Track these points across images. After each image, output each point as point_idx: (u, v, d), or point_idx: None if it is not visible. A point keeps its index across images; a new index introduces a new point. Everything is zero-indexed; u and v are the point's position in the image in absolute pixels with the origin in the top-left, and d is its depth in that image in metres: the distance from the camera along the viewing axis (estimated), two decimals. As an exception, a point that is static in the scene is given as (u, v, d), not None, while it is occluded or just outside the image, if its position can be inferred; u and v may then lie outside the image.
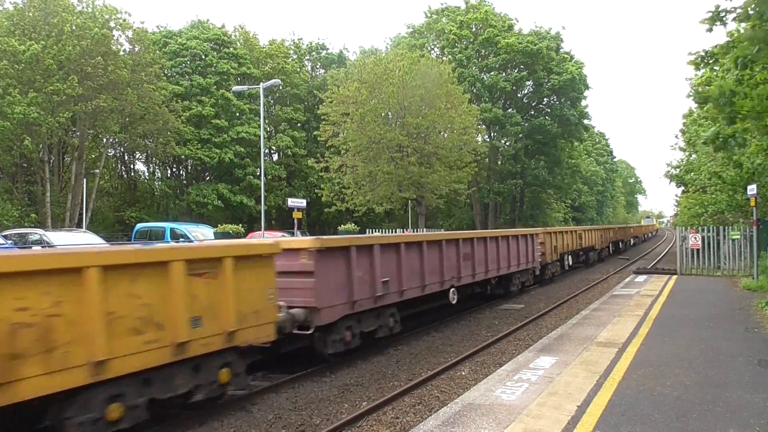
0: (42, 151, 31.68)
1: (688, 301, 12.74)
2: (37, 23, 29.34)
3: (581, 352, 7.81)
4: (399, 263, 10.47)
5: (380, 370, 9.46)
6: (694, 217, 26.79)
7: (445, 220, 52.57)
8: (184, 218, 37.42)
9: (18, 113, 26.33)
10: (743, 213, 22.12)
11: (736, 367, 6.92)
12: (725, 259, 18.59)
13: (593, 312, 11.50)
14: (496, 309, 15.87)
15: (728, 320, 10.27)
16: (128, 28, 33.45)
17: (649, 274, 20.20)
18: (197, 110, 40.20)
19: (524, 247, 17.41)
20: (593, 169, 75.41)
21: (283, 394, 8.17)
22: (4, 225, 25.80)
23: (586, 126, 53.21)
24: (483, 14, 45.50)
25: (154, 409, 6.15)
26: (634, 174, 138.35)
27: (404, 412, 7.24)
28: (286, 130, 46.14)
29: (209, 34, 43.82)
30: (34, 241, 16.37)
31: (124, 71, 30.83)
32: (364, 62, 31.80)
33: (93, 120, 31.79)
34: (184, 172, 48.22)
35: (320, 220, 49.86)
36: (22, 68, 27.76)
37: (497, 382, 6.49)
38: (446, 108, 29.26)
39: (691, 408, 5.44)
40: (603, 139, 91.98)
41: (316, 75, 55.43)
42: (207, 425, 7.03)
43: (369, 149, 28.43)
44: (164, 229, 21.50)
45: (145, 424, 6.15)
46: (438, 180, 28.77)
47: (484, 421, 5.18)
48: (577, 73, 46.03)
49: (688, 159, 33.03)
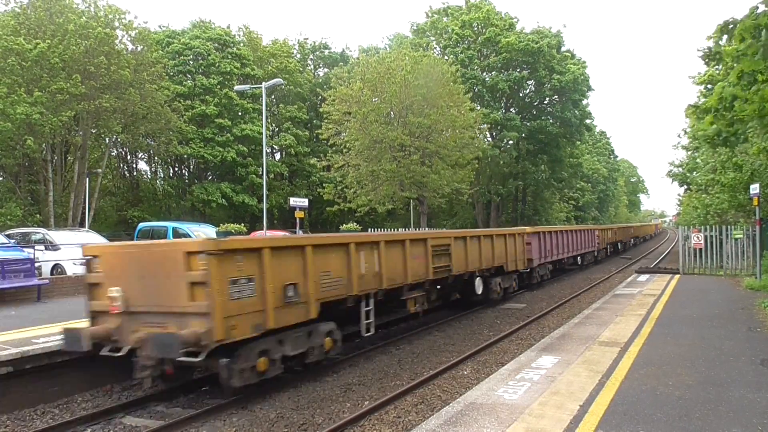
0: (45, 151, 31.71)
1: (691, 301, 12.72)
2: (42, 22, 29.40)
3: (583, 352, 7.81)
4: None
5: (382, 369, 9.47)
6: (696, 216, 26.73)
7: (448, 220, 52.56)
8: (186, 218, 37.44)
9: (20, 113, 26.37)
10: (745, 213, 22.08)
11: (739, 367, 6.92)
12: (728, 258, 18.55)
13: (595, 311, 11.49)
14: (498, 308, 15.87)
15: (731, 320, 10.26)
16: (131, 28, 33.49)
17: (652, 273, 20.16)
18: (200, 109, 40.25)
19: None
20: (595, 167, 75.31)
21: (285, 394, 8.19)
22: (8, 225, 25.85)
23: (588, 126, 53.11)
24: (484, 13, 45.45)
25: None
26: (636, 173, 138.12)
27: (406, 412, 7.25)
28: (289, 128, 46.17)
29: (212, 34, 43.84)
30: (36, 240, 16.43)
31: (127, 71, 30.86)
32: (367, 61, 31.78)
33: (95, 119, 31.82)
34: (186, 171, 48.26)
35: (322, 219, 49.89)
36: (29, 65, 27.80)
37: (499, 381, 6.49)
38: (448, 107, 29.24)
39: (693, 407, 5.44)
40: (604, 137, 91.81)
41: (318, 74, 55.47)
42: (210, 424, 7.05)
43: (371, 148, 28.41)
44: (166, 228, 21.52)
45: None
46: (440, 179, 28.75)
47: (486, 420, 5.19)
48: (579, 73, 45.92)
49: (691, 158, 32.97)
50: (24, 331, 8.76)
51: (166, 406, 7.78)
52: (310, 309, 8.18)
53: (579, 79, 46.09)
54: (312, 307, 8.21)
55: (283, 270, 7.75)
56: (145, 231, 22.47)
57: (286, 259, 7.85)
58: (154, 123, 34.67)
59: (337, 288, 8.86)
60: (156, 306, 7.14)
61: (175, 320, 6.98)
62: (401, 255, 10.77)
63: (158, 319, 7.13)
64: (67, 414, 7.51)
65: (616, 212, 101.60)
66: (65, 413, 7.54)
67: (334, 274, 8.81)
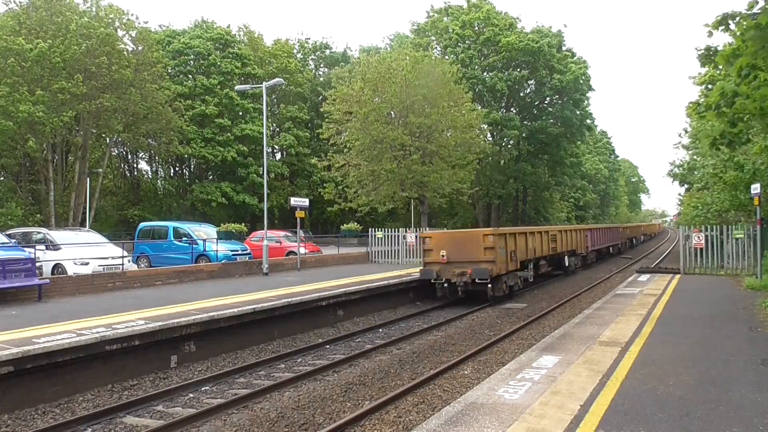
0: (46, 151, 31.75)
1: (691, 300, 12.70)
2: (43, 22, 29.41)
3: (584, 351, 7.80)
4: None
5: (383, 368, 9.47)
6: (697, 216, 26.71)
7: (449, 219, 52.55)
8: (186, 217, 37.49)
9: (23, 111, 26.38)
10: (746, 212, 22.05)
11: (740, 367, 6.91)
12: (728, 258, 18.52)
13: (596, 311, 11.48)
14: (499, 308, 15.87)
15: (731, 319, 10.25)
16: (132, 28, 33.51)
17: (652, 273, 20.13)
18: (201, 109, 40.28)
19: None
20: (597, 167, 75.24)
21: (286, 393, 8.19)
22: (9, 224, 25.87)
23: (589, 126, 53.05)
24: (485, 13, 45.44)
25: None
26: (637, 173, 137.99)
27: (407, 411, 7.25)
28: (290, 128, 46.18)
29: (212, 34, 43.86)
30: (37, 240, 16.43)
31: (128, 70, 30.88)
32: (367, 61, 31.75)
33: (96, 119, 31.84)
34: (186, 171, 48.31)
35: (322, 219, 49.90)
36: (29, 66, 27.82)
37: (500, 381, 6.48)
38: (449, 107, 29.22)
39: (694, 407, 5.43)
40: (605, 137, 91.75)
41: (319, 74, 55.47)
42: (210, 423, 7.05)
43: (372, 148, 28.39)
44: (167, 227, 21.53)
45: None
46: (440, 179, 28.73)
47: (486, 420, 5.18)
48: (580, 73, 45.88)
49: (692, 158, 32.96)
50: (25, 331, 8.76)
51: (166, 406, 7.79)
52: (517, 264, 17.23)
53: (580, 78, 46.05)
54: (518, 263, 17.29)
55: (510, 244, 16.71)
56: (146, 230, 22.48)
57: (510, 240, 16.84)
58: (155, 123, 34.71)
59: (523, 255, 17.83)
60: (463, 259, 15.87)
61: (472, 266, 15.55)
62: (539, 240, 19.65)
63: (462, 266, 15.75)
64: (68, 413, 7.51)
65: (617, 212, 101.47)
66: (66, 413, 7.55)
67: (522, 247, 17.79)
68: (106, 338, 8.51)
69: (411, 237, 24.01)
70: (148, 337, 9.16)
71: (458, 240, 16.47)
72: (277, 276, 18.28)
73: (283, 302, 12.01)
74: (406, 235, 24.32)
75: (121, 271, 15.63)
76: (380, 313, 15.24)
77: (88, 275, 14.58)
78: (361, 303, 14.78)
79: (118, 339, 8.67)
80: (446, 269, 16.05)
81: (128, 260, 17.18)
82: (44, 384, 7.86)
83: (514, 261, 16.84)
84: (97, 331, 8.75)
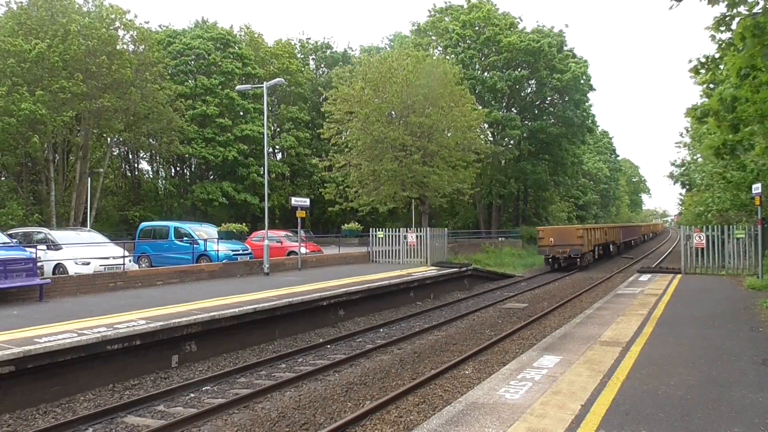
0: (47, 151, 31.74)
1: (693, 300, 12.70)
2: (43, 23, 29.40)
3: (585, 351, 7.80)
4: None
5: (384, 368, 9.48)
6: (698, 216, 26.71)
7: (449, 219, 52.49)
8: (187, 217, 37.48)
9: (24, 109, 26.38)
10: (747, 212, 22.03)
11: (741, 367, 6.90)
12: (730, 258, 18.50)
13: (597, 311, 11.47)
14: (500, 308, 15.88)
15: (733, 319, 10.24)
16: (132, 28, 33.51)
17: (653, 273, 20.12)
18: (201, 109, 40.27)
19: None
20: (598, 166, 75.14)
21: (287, 393, 8.20)
22: (10, 224, 25.87)
23: (590, 127, 52.95)
24: (485, 13, 45.37)
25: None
26: (638, 173, 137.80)
27: (408, 411, 7.25)
28: (291, 129, 46.17)
29: (213, 33, 43.85)
30: (39, 239, 16.43)
31: (128, 70, 30.88)
32: (368, 61, 31.73)
33: (97, 119, 31.83)
34: (187, 171, 48.30)
35: (323, 219, 49.87)
36: (29, 66, 27.81)
37: (501, 381, 6.48)
38: (450, 107, 29.20)
39: (695, 407, 5.43)
40: (606, 137, 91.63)
41: (320, 74, 55.45)
42: (211, 423, 7.06)
43: (373, 148, 28.37)
44: (168, 227, 21.54)
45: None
46: (441, 179, 28.71)
47: (487, 420, 5.18)
48: (580, 72, 45.78)
49: (693, 158, 32.93)
50: (26, 331, 8.77)
51: (167, 406, 7.80)
52: (591, 247, 30.28)
53: (580, 78, 45.95)
54: (592, 246, 30.67)
55: (588, 235, 29.97)
56: (147, 230, 22.48)
57: (588, 232, 30.34)
58: (155, 123, 34.70)
59: (593, 242, 30.67)
60: (564, 243, 28.12)
61: (570, 247, 27.94)
62: (599, 233, 32.06)
63: (564, 247, 28.02)
64: (69, 413, 7.52)
65: (618, 212, 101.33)
66: (67, 412, 7.56)
67: (593, 237, 30.77)
68: (107, 338, 8.52)
69: (411, 237, 24.00)
70: (149, 336, 9.16)
71: (560, 231, 29.34)
72: (278, 276, 18.29)
73: (284, 302, 12.02)
74: (407, 234, 24.32)
75: (122, 270, 15.64)
76: (381, 313, 15.27)
77: (89, 275, 14.59)
78: (362, 303, 14.81)
79: (119, 339, 8.68)
80: (553, 249, 28.13)
81: (129, 260, 17.18)
82: (45, 384, 7.88)
83: (590, 245, 29.41)
84: (99, 330, 8.76)
